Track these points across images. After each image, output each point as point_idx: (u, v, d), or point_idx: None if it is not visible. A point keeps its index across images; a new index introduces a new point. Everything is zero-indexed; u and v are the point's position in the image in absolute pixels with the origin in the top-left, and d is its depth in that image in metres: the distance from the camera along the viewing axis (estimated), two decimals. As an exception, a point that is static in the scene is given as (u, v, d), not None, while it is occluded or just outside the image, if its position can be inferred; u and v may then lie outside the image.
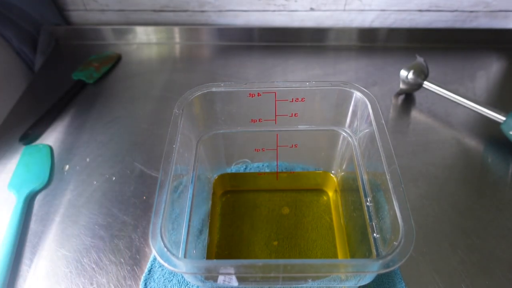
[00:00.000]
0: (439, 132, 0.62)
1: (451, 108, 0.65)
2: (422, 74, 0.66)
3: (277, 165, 0.51)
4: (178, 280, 0.44)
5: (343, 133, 0.45)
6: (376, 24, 0.80)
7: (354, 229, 0.47)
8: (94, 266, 0.46)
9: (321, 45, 0.81)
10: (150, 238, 0.33)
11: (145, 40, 0.82)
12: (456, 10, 0.78)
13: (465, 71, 0.74)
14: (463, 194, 0.52)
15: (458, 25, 0.80)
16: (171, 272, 0.45)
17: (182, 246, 0.40)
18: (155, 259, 0.46)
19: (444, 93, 0.64)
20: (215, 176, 0.52)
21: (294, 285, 0.40)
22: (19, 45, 0.74)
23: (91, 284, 0.45)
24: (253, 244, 0.46)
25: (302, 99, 0.43)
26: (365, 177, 0.40)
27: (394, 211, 0.35)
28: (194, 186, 0.40)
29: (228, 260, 0.33)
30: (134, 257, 0.47)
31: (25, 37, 0.75)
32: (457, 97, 0.63)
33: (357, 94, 0.46)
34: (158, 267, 0.46)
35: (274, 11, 0.79)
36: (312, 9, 0.78)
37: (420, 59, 0.66)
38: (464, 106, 0.62)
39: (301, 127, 0.46)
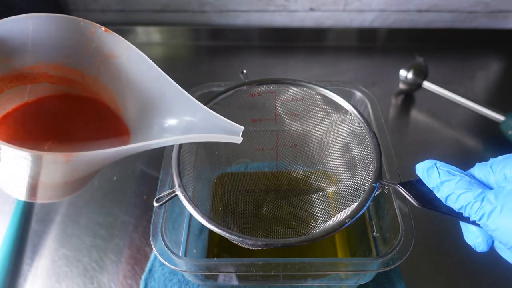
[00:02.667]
0: (439, 132, 0.63)
1: (451, 108, 0.65)
2: (422, 74, 0.66)
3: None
4: (178, 279, 0.45)
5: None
6: (376, 24, 0.80)
7: (354, 228, 0.47)
8: (94, 266, 0.47)
9: (321, 45, 0.81)
10: (150, 237, 0.33)
11: (145, 40, 0.82)
12: (455, 11, 0.78)
13: (464, 71, 0.74)
14: (462, 193, 0.53)
15: (458, 25, 0.80)
16: (171, 271, 0.45)
17: (182, 245, 0.40)
18: (155, 258, 0.46)
19: (444, 93, 0.64)
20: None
21: (295, 284, 0.40)
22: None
23: (92, 283, 0.45)
24: (253, 244, 0.46)
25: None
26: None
27: (394, 210, 0.35)
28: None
29: (229, 259, 0.33)
30: (135, 256, 0.47)
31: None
32: (456, 97, 0.63)
33: (357, 94, 0.46)
34: (159, 267, 0.46)
35: (274, 11, 0.79)
36: (312, 9, 0.79)
37: (419, 59, 0.67)
38: (464, 106, 0.62)
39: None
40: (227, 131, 0.31)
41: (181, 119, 0.33)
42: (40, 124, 0.32)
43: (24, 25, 0.28)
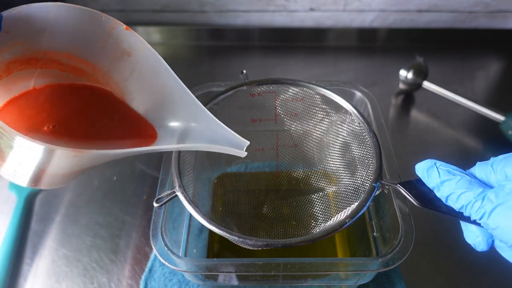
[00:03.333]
0: (439, 132, 0.63)
1: (451, 108, 0.65)
2: (422, 74, 0.66)
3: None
4: (178, 280, 0.45)
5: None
6: (376, 24, 0.80)
7: (354, 228, 0.47)
8: (94, 266, 0.47)
9: (321, 45, 0.81)
10: (150, 237, 0.33)
11: (145, 40, 0.82)
12: (455, 11, 0.78)
13: (464, 71, 0.74)
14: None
15: (458, 25, 0.80)
16: (171, 271, 0.45)
17: (182, 245, 0.40)
18: (155, 258, 0.46)
19: (444, 93, 0.64)
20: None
21: (295, 284, 0.40)
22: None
23: (92, 283, 0.45)
24: (253, 244, 0.46)
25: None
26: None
27: (394, 210, 0.35)
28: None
29: (229, 258, 0.33)
30: (135, 256, 0.47)
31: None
32: (456, 97, 0.63)
33: (357, 94, 0.46)
34: (159, 267, 0.46)
35: (274, 11, 0.79)
36: (312, 9, 0.79)
37: (419, 59, 0.67)
38: (464, 106, 0.62)
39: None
40: (232, 143, 0.32)
41: (188, 125, 0.33)
42: (51, 111, 0.31)
43: (45, 13, 0.29)
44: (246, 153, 0.31)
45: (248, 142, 0.32)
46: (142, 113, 0.35)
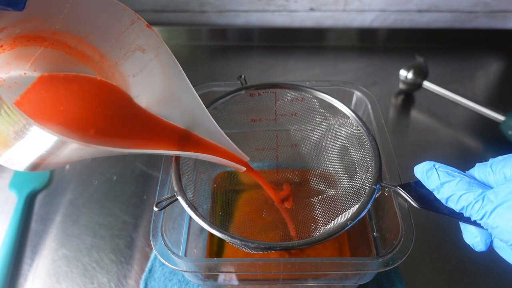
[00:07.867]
0: (439, 132, 0.63)
1: (451, 108, 0.65)
2: (422, 74, 0.66)
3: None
4: (178, 279, 0.45)
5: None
6: (376, 24, 0.80)
7: (354, 228, 0.47)
8: (94, 265, 0.47)
9: (321, 45, 0.81)
10: (150, 237, 0.33)
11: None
12: (455, 11, 0.78)
13: (464, 71, 0.74)
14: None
15: (458, 25, 0.80)
16: (171, 271, 0.45)
17: (182, 245, 0.40)
18: (155, 258, 0.46)
19: (444, 93, 0.64)
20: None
21: (295, 284, 0.40)
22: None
23: (92, 283, 0.45)
24: (253, 244, 0.46)
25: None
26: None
27: (394, 210, 0.35)
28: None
29: (229, 258, 0.33)
30: (135, 256, 0.47)
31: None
32: (456, 97, 0.63)
33: (357, 94, 0.46)
34: (159, 267, 0.46)
35: (274, 11, 0.79)
36: (312, 9, 0.79)
37: (419, 59, 0.67)
38: (464, 106, 0.62)
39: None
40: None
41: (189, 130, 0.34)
42: (60, 103, 0.31)
43: None
44: (245, 168, 0.32)
45: (248, 158, 0.32)
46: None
